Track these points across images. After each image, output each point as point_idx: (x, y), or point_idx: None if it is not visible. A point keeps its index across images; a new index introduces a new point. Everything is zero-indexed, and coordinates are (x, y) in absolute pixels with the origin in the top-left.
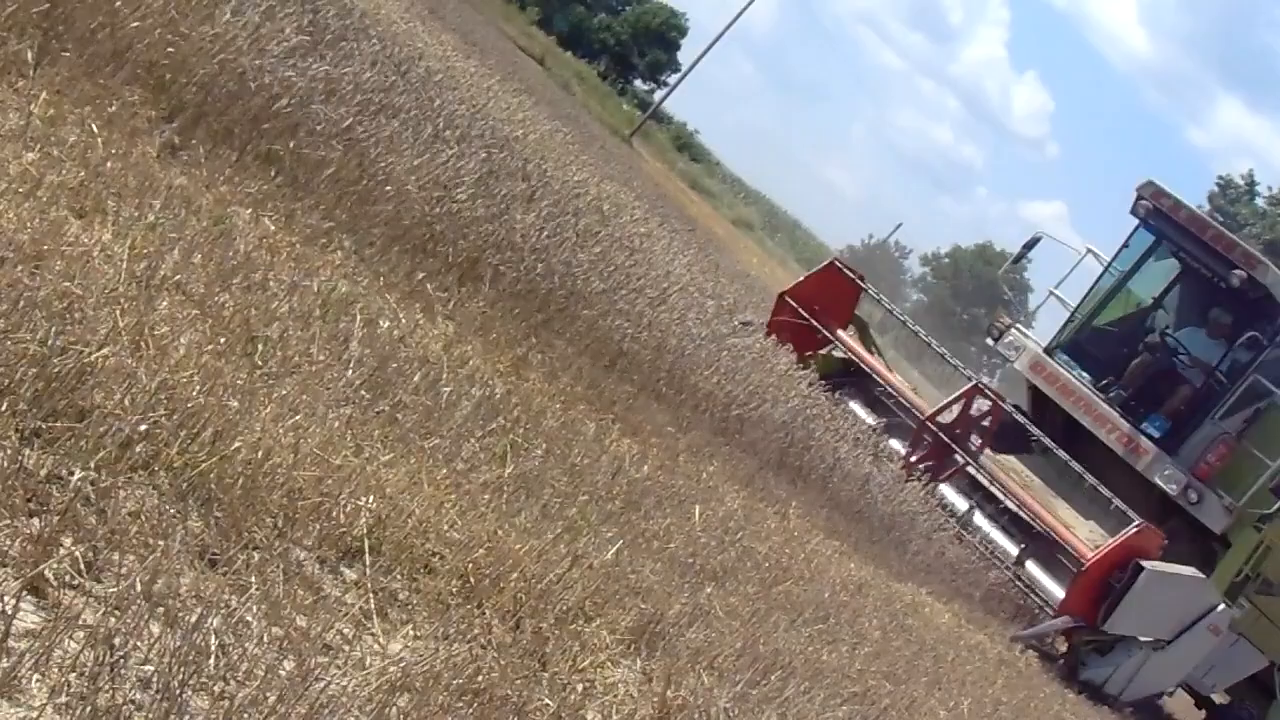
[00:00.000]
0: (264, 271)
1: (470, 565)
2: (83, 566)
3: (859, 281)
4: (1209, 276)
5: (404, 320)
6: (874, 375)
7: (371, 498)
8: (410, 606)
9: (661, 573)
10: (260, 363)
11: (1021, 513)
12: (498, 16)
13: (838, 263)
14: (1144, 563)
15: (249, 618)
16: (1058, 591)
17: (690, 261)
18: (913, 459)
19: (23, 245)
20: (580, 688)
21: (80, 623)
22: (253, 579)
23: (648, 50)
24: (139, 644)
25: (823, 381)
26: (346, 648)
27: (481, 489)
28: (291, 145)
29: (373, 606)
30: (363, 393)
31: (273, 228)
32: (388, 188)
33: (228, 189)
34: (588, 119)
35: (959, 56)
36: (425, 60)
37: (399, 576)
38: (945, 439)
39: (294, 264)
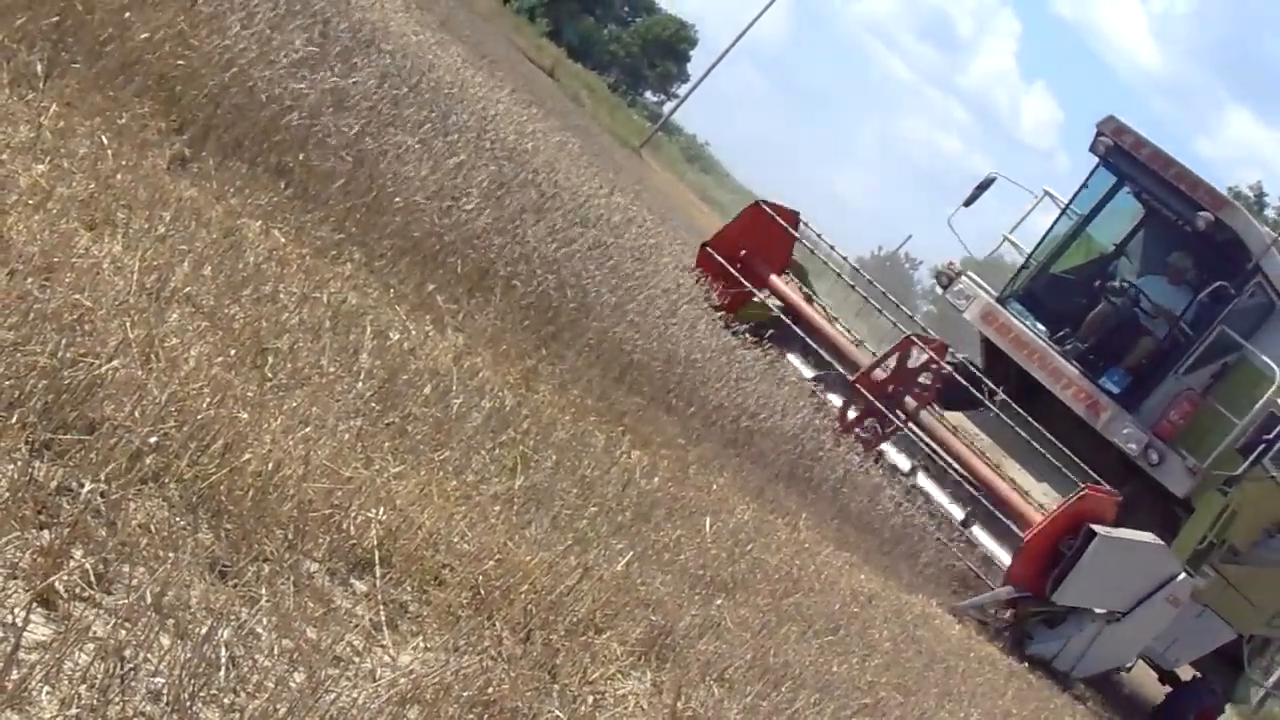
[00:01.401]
0: (274, 283)
1: (480, 577)
2: (93, 578)
3: (788, 227)
4: (1173, 219)
5: (414, 332)
6: (804, 326)
7: (382, 510)
8: (420, 618)
9: (672, 584)
10: (270, 375)
11: (961, 471)
12: (508, 28)
13: (763, 204)
14: (1096, 528)
15: (259, 629)
16: (1005, 558)
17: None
18: (852, 415)
19: (33, 257)
20: (590, 700)
21: (90, 635)
22: (263, 591)
23: (658, 62)
24: (149, 656)
25: (751, 332)
26: (357, 660)
27: (492, 501)
28: (301, 157)
29: (383, 618)
30: (373, 405)
31: (283, 240)
32: (398, 200)
33: (238, 201)
34: (597, 130)
35: (968, 68)
36: (435, 72)
37: (409, 588)
38: (876, 400)
39: (304, 276)
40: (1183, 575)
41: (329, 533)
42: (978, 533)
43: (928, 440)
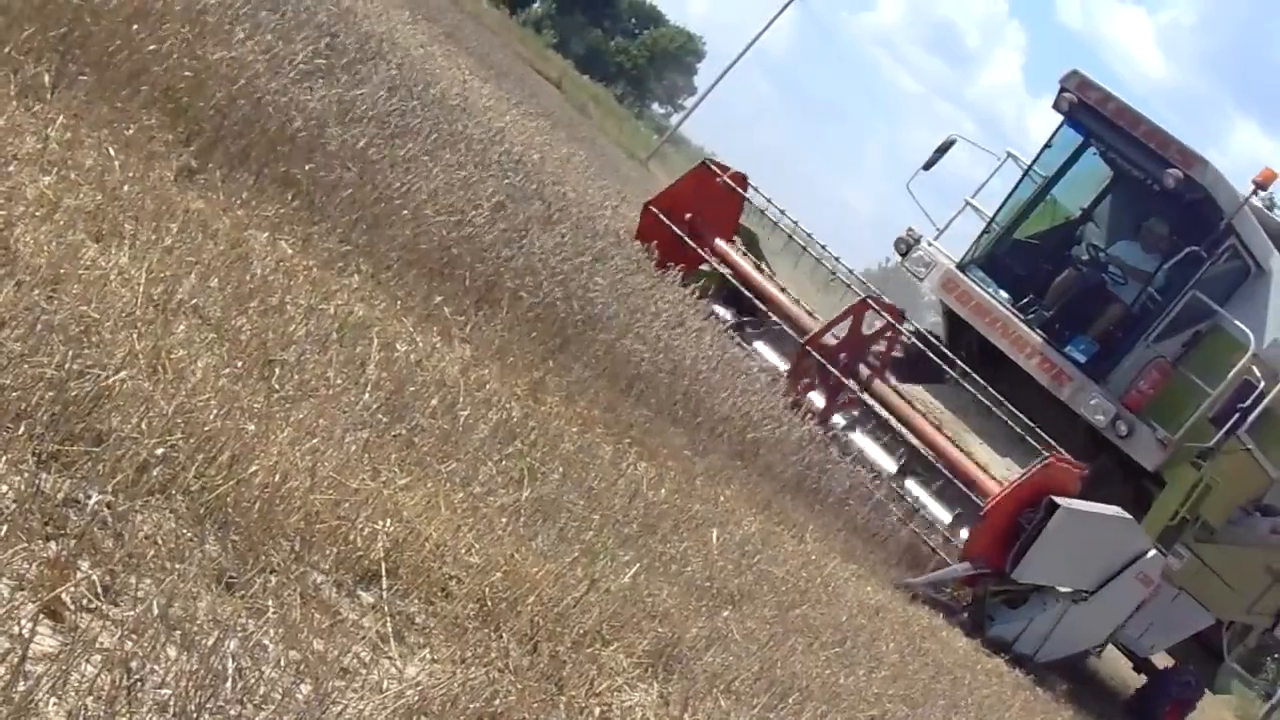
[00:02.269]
0: (281, 295)
1: (487, 589)
2: (100, 590)
3: (737, 188)
4: (1142, 179)
5: (421, 344)
6: (755, 295)
7: (388, 521)
8: (427, 630)
9: (679, 596)
10: (277, 386)
11: (907, 433)
12: (514, 40)
13: (710, 163)
14: (1059, 500)
15: (266, 641)
16: (962, 533)
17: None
18: (800, 384)
19: (40, 269)
20: (597, 711)
21: (97, 646)
22: (270, 602)
23: (665, 73)
24: (156, 667)
25: (706, 298)
26: (364, 671)
27: (499, 512)
28: (308, 169)
29: (390, 630)
30: (380, 416)
31: (290, 251)
32: (405, 211)
33: (245, 212)
34: (605, 142)
35: (976, 80)
36: (442, 83)
37: (416, 600)
38: (828, 365)
39: (311, 287)
40: (1153, 552)
41: (336, 544)
42: (933, 506)
43: (880, 410)
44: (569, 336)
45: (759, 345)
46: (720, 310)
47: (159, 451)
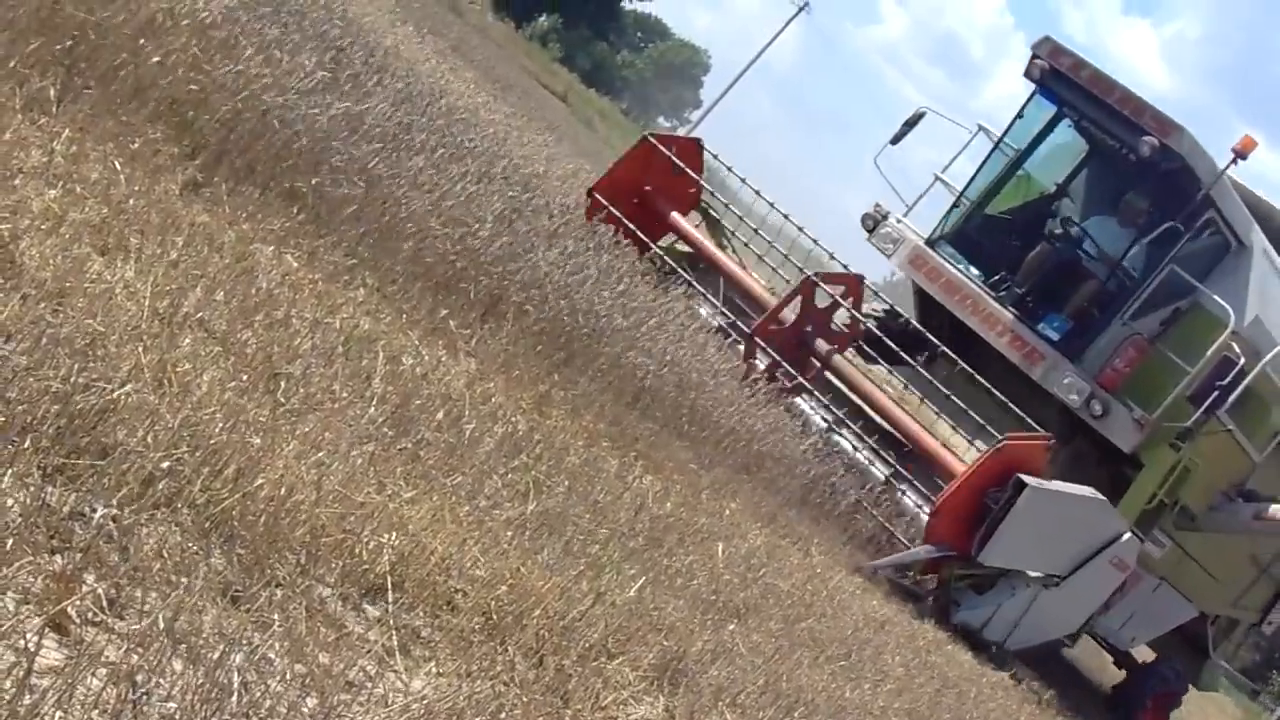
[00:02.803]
0: (286, 308)
1: (493, 602)
2: (105, 603)
3: (685, 166)
4: (1117, 148)
5: (426, 357)
6: (715, 272)
7: (394, 535)
8: (433, 644)
9: (684, 610)
10: (283, 400)
11: (860, 403)
12: (520, 53)
13: (652, 139)
14: (1027, 479)
15: (271, 655)
16: (926, 514)
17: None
18: (760, 368)
19: (46, 282)
20: None
21: (103, 660)
22: (275, 616)
23: (670, 87)
24: (161, 681)
25: (666, 273)
26: (369, 685)
27: (504, 526)
28: (314, 182)
29: (395, 644)
30: (385, 430)
31: (295, 265)
32: (410, 225)
33: (250, 226)
34: (611, 155)
35: (980, 92)
36: (448, 97)
37: (421, 614)
38: (774, 353)
39: (316, 301)
40: (1128, 535)
41: (341, 558)
42: (898, 489)
43: (842, 388)
44: (574, 350)
45: (702, 310)
46: (706, 313)
47: (164, 465)
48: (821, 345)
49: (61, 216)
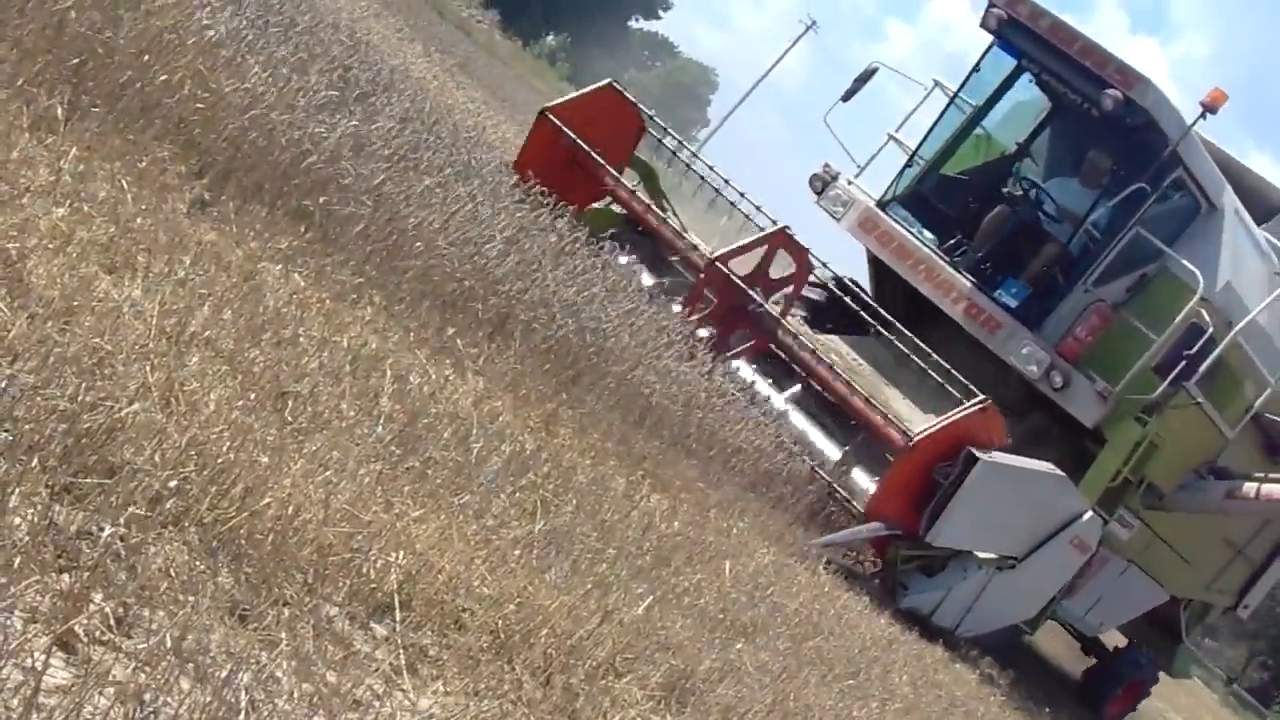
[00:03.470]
0: (294, 327)
1: (501, 621)
2: (113, 622)
3: (639, 113)
4: (1079, 103)
5: (434, 376)
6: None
7: (402, 554)
8: (440, 663)
9: (692, 628)
10: (290, 419)
11: (801, 366)
12: (527, 72)
13: (617, 85)
14: (978, 452)
15: (279, 673)
16: (871, 489)
17: None
18: (693, 318)
19: (53, 301)
20: None
21: (110, 679)
22: (283, 635)
23: (678, 106)
24: (169, 700)
25: (598, 240)
26: (377, 704)
27: (512, 545)
28: (321, 201)
29: (403, 662)
30: (393, 449)
31: (303, 283)
32: (418, 243)
33: (258, 245)
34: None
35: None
36: (455, 115)
37: (429, 632)
38: (743, 285)
39: (324, 320)
40: (1090, 514)
41: (349, 576)
42: (847, 464)
43: (789, 354)
44: (582, 368)
45: (637, 268)
46: (646, 280)
47: (172, 484)
48: (769, 308)
49: (69, 235)
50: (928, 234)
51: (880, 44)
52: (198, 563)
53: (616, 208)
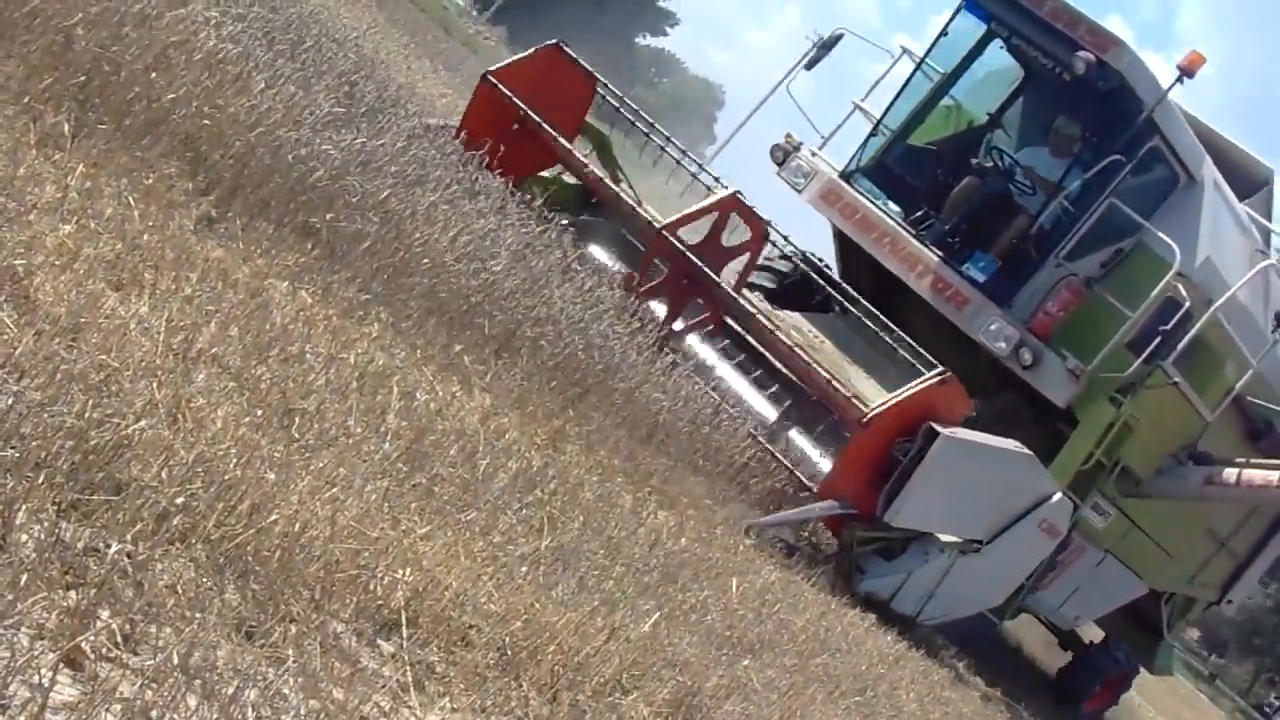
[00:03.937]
0: (301, 344)
1: (507, 638)
2: (120, 639)
3: (590, 77)
4: (1050, 68)
5: (441, 393)
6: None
7: (408, 570)
8: (447, 679)
9: (699, 645)
10: (297, 435)
11: (770, 357)
12: None
13: (564, 46)
14: (939, 427)
15: (286, 690)
16: (824, 466)
17: None
18: (643, 284)
19: (60, 318)
20: None
21: (117, 695)
22: (290, 651)
23: (685, 122)
24: (176, 716)
25: (552, 214)
26: None
27: (519, 561)
28: (328, 218)
29: (410, 679)
30: (400, 465)
31: (310, 300)
32: (425, 260)
33: (264, 261)
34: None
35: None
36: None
37: (436, 649)
38: (690, 255)
39: (331, 337)
40: (1059, 496)
41: (356, 593)
42: (795, 437)
43: (739, 325)
44: (588, 385)
45: (593, 248)
46: (601, 256)
47: (179, 500)
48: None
49: (76, 252)
50: (893, 206)
51: (887, 60)
52: (204, 579)
53: (568, 177)
